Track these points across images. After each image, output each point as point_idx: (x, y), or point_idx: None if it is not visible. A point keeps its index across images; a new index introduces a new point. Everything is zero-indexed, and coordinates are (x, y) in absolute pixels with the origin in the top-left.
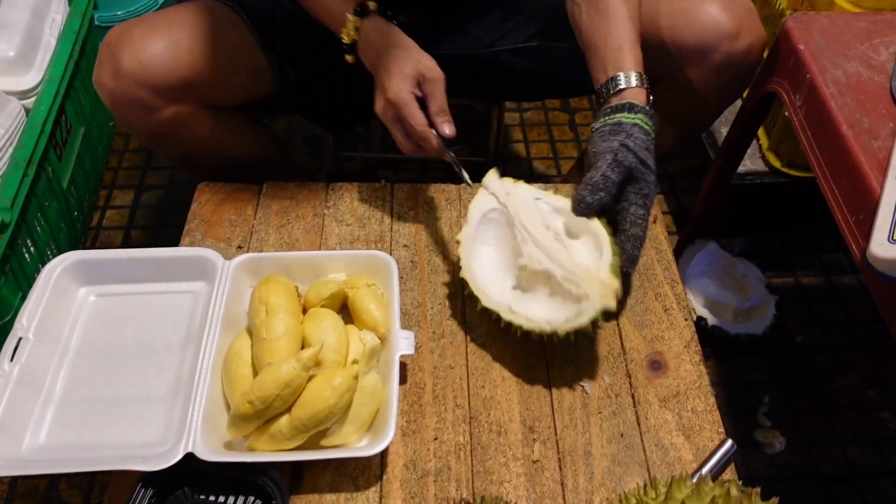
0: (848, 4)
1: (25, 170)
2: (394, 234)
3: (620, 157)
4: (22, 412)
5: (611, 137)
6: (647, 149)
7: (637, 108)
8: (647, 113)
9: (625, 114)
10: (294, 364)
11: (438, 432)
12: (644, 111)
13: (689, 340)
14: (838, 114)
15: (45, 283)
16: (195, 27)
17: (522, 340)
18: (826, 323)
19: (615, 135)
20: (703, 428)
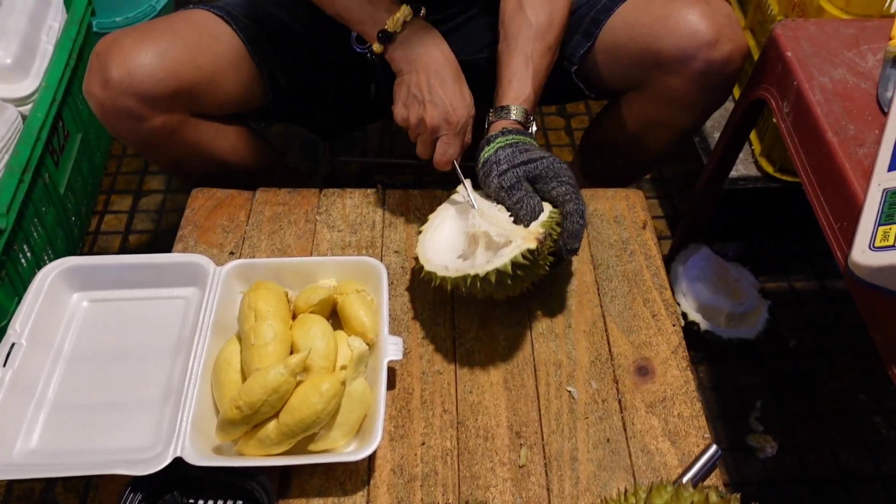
0: (836, 10)
1: (21, 176)
2: (385, 239)
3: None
4: (14, 417)
5: (487, 180)
6: (523, 150)
7: (493, 138)
8: (504, 133)
9: (485, 150)
10: (282, 370)
11: (426, 437)
12: (502, 134)
13: (677, 346)
14: (824, 121)
15: (38, 289)
16: (184, 37)
17: (510, 346)
18: (818, 327)
19: (488, 175)
20: (689, 433)
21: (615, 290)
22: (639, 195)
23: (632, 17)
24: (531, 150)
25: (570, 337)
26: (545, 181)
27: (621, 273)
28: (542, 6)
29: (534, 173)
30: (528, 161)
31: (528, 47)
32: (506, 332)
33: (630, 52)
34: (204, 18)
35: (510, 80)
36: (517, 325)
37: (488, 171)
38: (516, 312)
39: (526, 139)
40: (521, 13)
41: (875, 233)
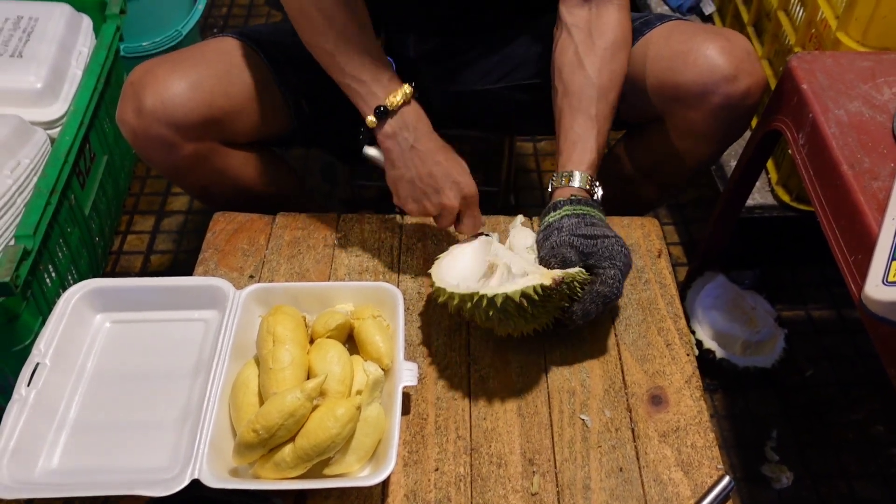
0: (853, 43)
1: (49, 198)
2: (402, 265)
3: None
4: (36, 436)
5: (544, 243)
6: (589, 223)
7: (561, 203)
8: (574, 202)
9: (551, 214)
10: (298, 394)
11: (439, 463)
12: (571, 202)
13: (691, 376)
14: (839, 153)
15: (62, 310)
16: (216, 66)
17: (524, 373)
18: (835, 356)
19: (547, 238)
20: (703, 464)
21: (629, 318)
22: (654, 224)
23: (651, 51)
24: (597, 225)
25: (584, 365)
26: (599, 259)
27: (636, 301)
28: (604, 65)
29: (591, 249)
30: (589, 236)
31: (591, 108)
32: (520, 359)
33: (649, 85)
34: (233, 47)
35: (574, 142)
36: (531, 352)
37: (548, 235)
38: (530, 339)
39: (595, 213)
40: (581, 70)
41: (889, 267)
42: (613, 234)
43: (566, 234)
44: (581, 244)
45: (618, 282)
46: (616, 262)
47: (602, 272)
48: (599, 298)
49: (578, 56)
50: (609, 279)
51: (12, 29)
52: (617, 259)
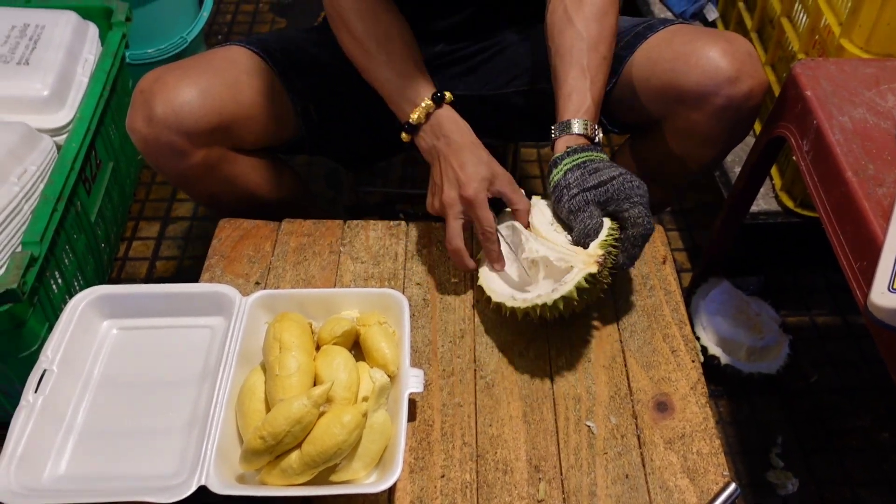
0: (857, 49)
1: (55, 205)
2: (407, 271)
3: (574, 206)
4: (44, 442)
5: (559, 206)
6: (592, 171)
7: (559, 159)
8: (570, 153)
9: (553, 173)
10: (305, 401)
11: (445, 470)
12: (567, 154)
13: (696, 382)
14: (844, 160)
15: (70, 317)
16: (224, 74)
17: (530, 380)
18: (840, 363)
19: (559, 201)
20: (708, 471)
21: (634, 324)
22: (659, 230)
23: (654, 53)
24: (601, 168)
25: (590, 371)
26: (617, 203)
27: (641, 308)
28: (593, 18)
29: (604, 196)
30: (598, 185)
31: (582, 59)
32: (526, 366)
33: (653, 87)
34: (242, 55)
35: (569, 94)
36: (537, 358)
37: (559, 197)
38: (536, 345)
39: (593, 155)
40: (570, 27)
41: (894, 274)
42: (618, 171)
43: (576, 190)
44: (594, 196)
45: (645, 217)
46: (633, 198)
47: (627, 215)
48: (638, 240)
49: (567, 14)
50: (637, 218)
51: (19, 36)
52: (633, 195)
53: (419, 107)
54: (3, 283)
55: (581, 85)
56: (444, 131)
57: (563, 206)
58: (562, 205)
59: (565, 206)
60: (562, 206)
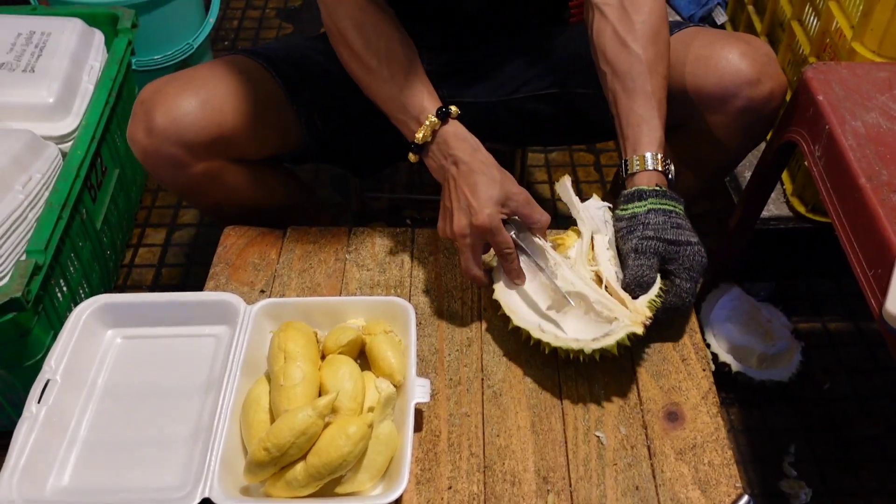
0: (869, 53)
1: (60, 213)
2: (413, 279)
3: (642, 250)
4: (47, 454)
5: (628, 237)
6: (675, 225)
7: (646, 193)
8: (659, 195)
9: (635, 203)
10: (310, 412)
11: (452, 481)
12: (656, 193)
13: (707, 391)
14: (857, 166)
15: (73, 326)
16: (226, 85)
17: (538, 389)
18: (853, 369)
19: (631, 232)
20: (720, 482)
21: None
22: None
23: (672, 56)
24: (683, 228)
25: (599, 380)
26: (678, 268)
27: None
28: (648, 39)
29: (674, 257)
30: (674, 242)
31: (646, 85)
32: (533, 375)
33: (671, 90)
34: (245, 65)
35: (639, 124)
36: (545, 366)
37: (632, 229)
38: (544, 354)
39: (679, 209)
40: (625, 49)
41: None
42: (696, 241)
43: (652, 233)
44: (665, 250)
45: (691, 295)
46: (693, 273)
47: (678, 283)
48: (670, 309)
49: (619, 35)
50: (683, 292)
51: (25, 44)
52: (695, 271)
53: (424, 125)
54: (7, 292)
55: (650, 114)
56: (452, 150)
57: (630, 241)
58: (629, 238)
59: (632, 243)
60: (629, 238)
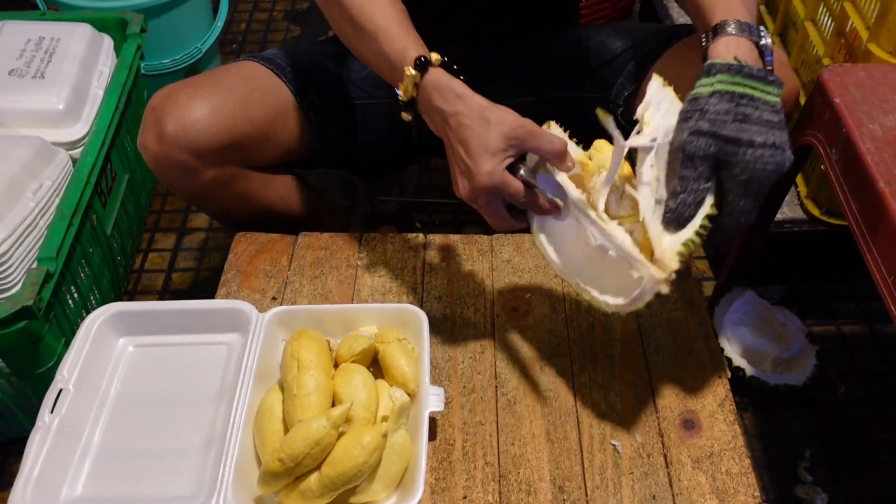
0: (885, 54)
1: (71, 220)
2: (426, 285)
3: (690, 150)
4: (60, 463)
5: (684, 124)
6: (741, 117)
7: (717, 68)
8: (734, 70)
9: (701, 81)
10: (324, 422)
11: (467, 490)
12: (730, 68)
13: (724, 399)
14: (875, 170)
15: (85, 335)
16: (237, 91)
17: (553, 396)
18: (868, 373)
19: (688, 119)
20: (738, 491)
21: (659, 339)
22: None
23: (680, 61)
24: (751, 118)
25: (614, 387)
26: (730, 178)
27: (665, 322)
28: None
29: (731, 159)
30: (734, 140)
31: None
32: (547, 382)
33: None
34: (255, 71)
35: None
36: (560, 374)
37: (688, 116)
38: (558, 361)
39: (758, 91)
40: None
41: None
42: (764, 140)
43: (707, 124)
44: (719, 150)
45: (747, 215)
46: (752, 187)
47: (731, 199)
48: (722, 233)
49: None
50: (736, 212)
51: (34, 50)
52: (754, 183)
53: (403, 82)
54: (19, 300)
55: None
56: (435, 103)
57: (683, 133)
58: (684, 126)
59: (684, 136)
60: (683, 126)
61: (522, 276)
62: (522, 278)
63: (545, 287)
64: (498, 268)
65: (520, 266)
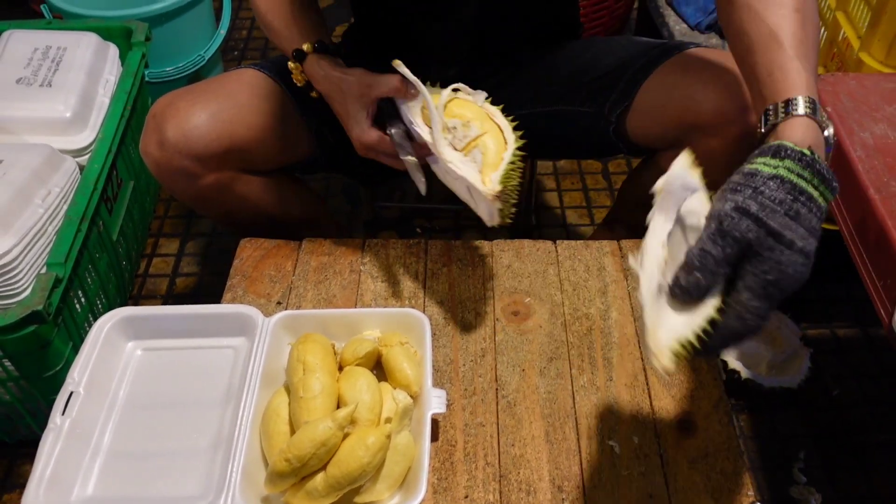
0: (876, 63)
1: (79, 226)
2: (427, 290)
3: (728, 226)
4: (71, 465)
5: (730, 195)
6: (790, 212)
7: (787, 151)
8: (806, 162)
9: (766, 159)
10: (330, 424)
11: (469, 490)
12: (802, 158)
13: (718, 400)
14: (865, 177)
15: (95, 338)
16: (236, 98)
17: (552, 399)
18: (862, 375)
19: (737, 191)
20: (733, 491)
21: None
22: None
23: (669, 79)
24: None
25: (612, 390)
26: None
27: None
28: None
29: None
30: (776, 234)
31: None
32: (547, 385)
33: (668, 113)
34: (254, 78)
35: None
36: (558, 377)
37: (737, 189)
38: (557, 364)
39: (817, 194)
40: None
41: None
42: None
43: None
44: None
45: (757, 319)
46: (773, 290)
47: (745, 298)
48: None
49: (754, 10)
50: (748, 313)
51: (41, 59)
52: (777, 288)
53: (293, 73)
54: (29, 305)
55: (796, 65)
56: (318, 87)
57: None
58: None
59: (723, 210)
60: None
61: (522, 280)
62: (522, 283)
63: (545, 292)
64: (498, 273)
65: (520, 271)
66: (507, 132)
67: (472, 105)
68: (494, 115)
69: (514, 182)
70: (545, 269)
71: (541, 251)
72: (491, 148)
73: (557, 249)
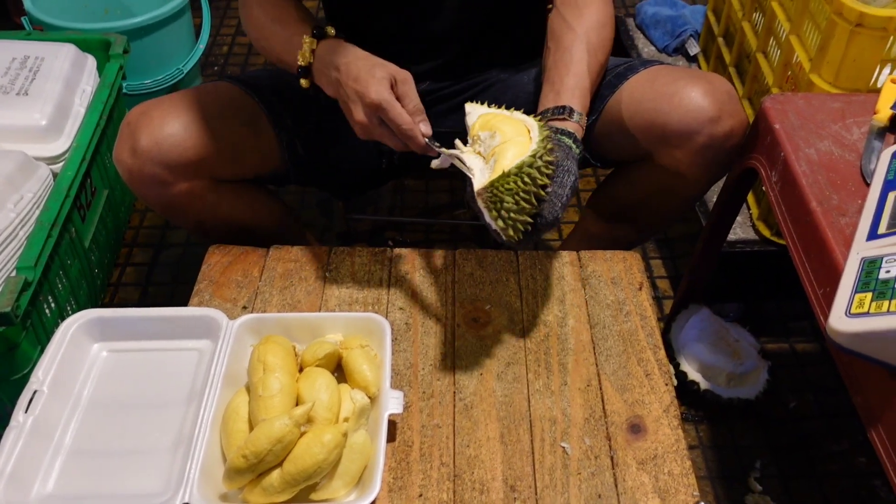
0: (826, 84)
1: (50, 231)
2: (390, 296)
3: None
4: (33, 462)
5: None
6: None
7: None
8: (577, 141)
9: (564, 137)
10: (286, 421)
11: (423, 489)
12: (575, 139)
13: (669, 405)
14: (809, 191)
15: (61, 339)
16: (209, 109)
17: (507, 402)
18: (819, 388)
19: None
20: (679, 491)
21: (610, 349)
22: (636, 257)
23: (637, 92)
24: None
25: (566, 394)
26: None
27: (617, 333)
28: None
29: None
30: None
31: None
32: (503, 388)
33: (636, 125)
34: (228, 91)
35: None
36: (515, 381)
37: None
38: (514, 369)
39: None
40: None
41: (852, 300)
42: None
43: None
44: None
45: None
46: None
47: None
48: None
49: (567, 22)
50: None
51: (19, 68)
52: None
53: (302, 49)
54: None
55: (583, 84)
56: (331, 58)
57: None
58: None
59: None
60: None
61: (483, 288)
62: (483, 291)
63: (504, 300)
64: (460, 280)
65: (481, 279)
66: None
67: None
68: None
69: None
70: (506, 277)
71: (503, 260)
72: (508, 156)
73: (518, 259)
